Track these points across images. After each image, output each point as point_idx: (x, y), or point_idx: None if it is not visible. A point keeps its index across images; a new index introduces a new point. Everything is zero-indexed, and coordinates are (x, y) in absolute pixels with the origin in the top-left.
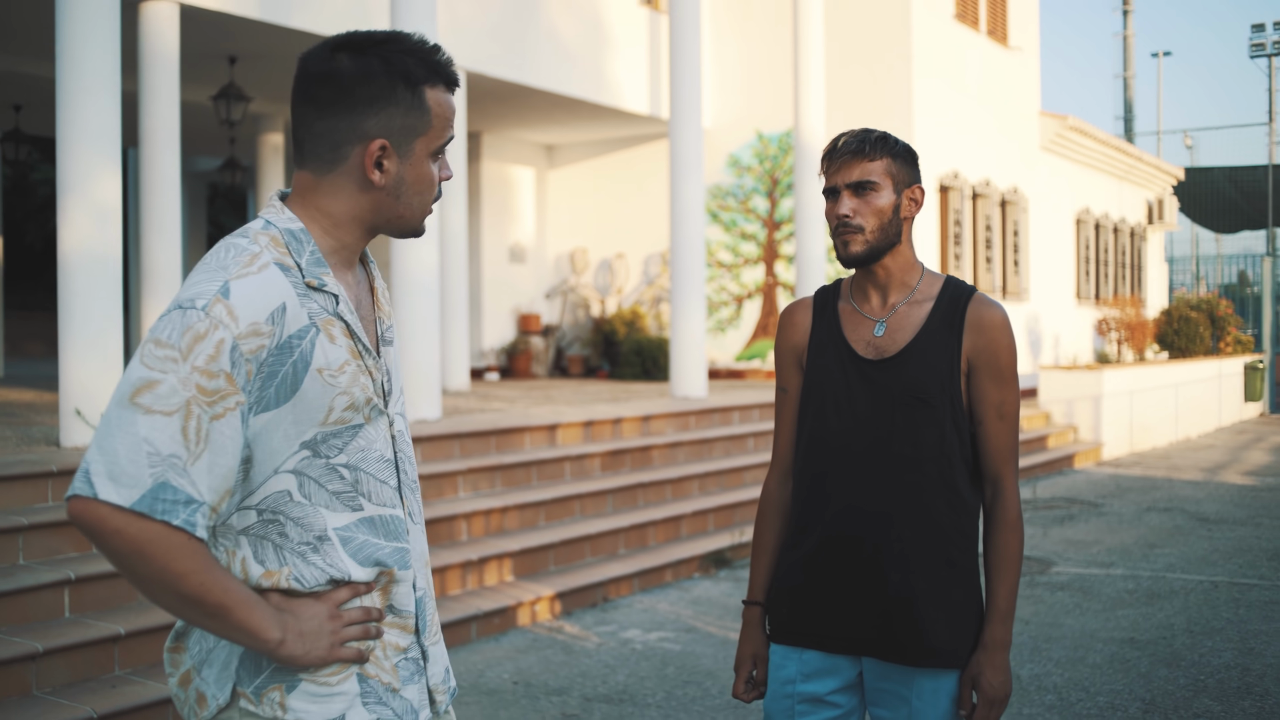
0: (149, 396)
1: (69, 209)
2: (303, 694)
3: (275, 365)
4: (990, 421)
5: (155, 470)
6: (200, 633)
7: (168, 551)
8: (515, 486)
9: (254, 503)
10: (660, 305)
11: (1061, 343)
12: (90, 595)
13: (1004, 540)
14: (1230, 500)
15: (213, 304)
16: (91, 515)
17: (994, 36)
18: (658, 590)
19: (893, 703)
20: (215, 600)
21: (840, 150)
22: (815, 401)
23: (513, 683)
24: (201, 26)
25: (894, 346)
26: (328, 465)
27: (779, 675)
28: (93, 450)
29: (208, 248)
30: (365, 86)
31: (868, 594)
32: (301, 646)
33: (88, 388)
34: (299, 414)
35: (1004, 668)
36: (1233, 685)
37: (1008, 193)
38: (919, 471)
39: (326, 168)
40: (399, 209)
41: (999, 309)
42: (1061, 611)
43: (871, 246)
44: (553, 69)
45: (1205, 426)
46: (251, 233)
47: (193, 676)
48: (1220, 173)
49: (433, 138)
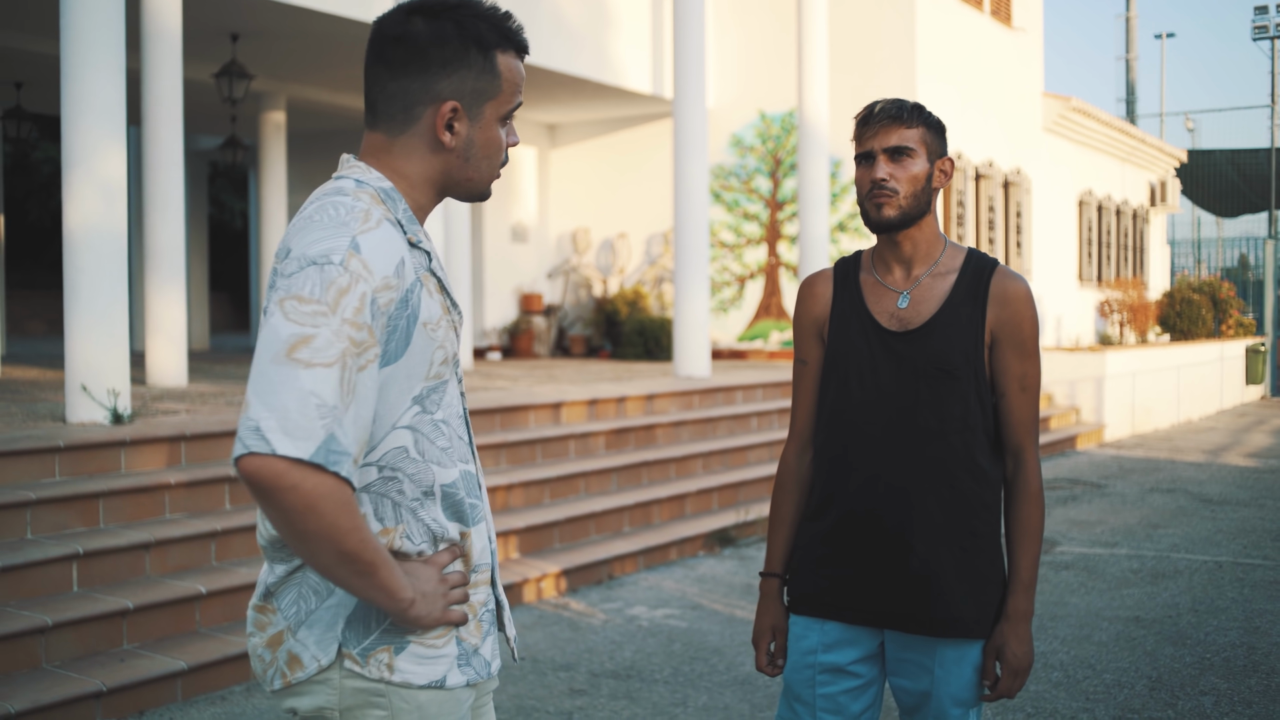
0: (306, 351)
1: (74, 185)
2: (410, 655)
3: (396, 319)
4: (1013, 394)
5: (325, 422)
6: (297, 593)
7: (337, 506)
8: (520, 464)
9: (375, 459)
10: (662, 285)
11: (1064, 324)
12: (98, 570)
13: (1026, 512)
14: (1233, 482)
15: (348, 258)
16: (269, 471)
17: (997, 17)
18: (663, 568)
19: (915, 673)
20: (369, 558)
21: (878, 115)
22: (838, 374)
23: (519, 658)
24: (204, 3)
25: (918, 318)
26: (433, 421)
27: (800, 646)
28: (257, 408)
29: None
30: (439, 49)
31: (891, 566)
32: (424, 608)
33: (93, 364)
34: (411, 368)
35: (1027, 638)
36: (1239, 664)
37: (1011, 174)
38: (943, 443)
39: (399, 128)
40: (468, 171)
41: (1023, 282)
42: (1067, 590)
43: (905, 212)
44: (556, 48)
45: (1207, 409)
46: (350, 190)
47: (285, 638)
48: (1222, 155)
49: (502, 102)
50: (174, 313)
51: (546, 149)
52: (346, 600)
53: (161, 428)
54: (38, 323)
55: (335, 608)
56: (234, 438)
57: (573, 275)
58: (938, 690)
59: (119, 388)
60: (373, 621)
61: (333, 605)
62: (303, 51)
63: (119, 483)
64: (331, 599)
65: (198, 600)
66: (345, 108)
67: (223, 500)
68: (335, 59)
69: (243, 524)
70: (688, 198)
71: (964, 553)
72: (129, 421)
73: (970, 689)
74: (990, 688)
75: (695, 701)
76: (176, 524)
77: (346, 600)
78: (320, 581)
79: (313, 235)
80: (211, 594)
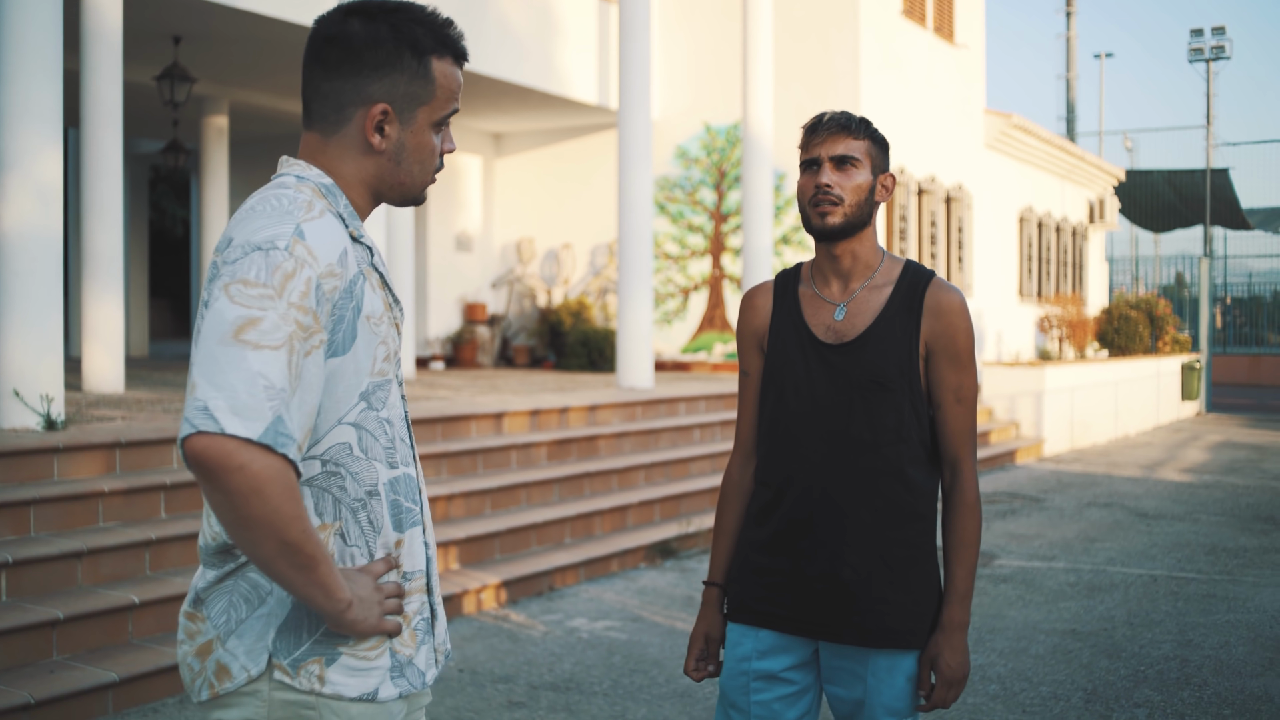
0: (254, 333)
1: (9, 188)
2: (342, 668)
3: (342, 309)
4: (948, 405)
5: (273, 404)
6: (227, 601)
7: (283, 491)
8: (461, 474)
9: (318, 453)
10: (607, 296)
11: (1004, 339)
12: (28, 579)
13: (963, 523)
14: (1168, 496)
15: (293, 244)
16: (217, 450)
17: (940, 33)
18: (604, 580)
19: (848, 681)
20: (310, 551)
21: (826, 124)
22: (775, 385)
23: (458, 670)
24: (145, 4)
25: (853, 331)
26: (378, 419)
27: (735, 653)
28: (205, 389)
29: (150, 231)
30: (372, 51)
31: (824, 576)
32: (362, 612)
33: (26, 369)
34: (358, 362)
35: (962, 648)
36: (1172, 676)
37: (953, 189)
38: (877, 455)
39: (331, 129)
40: (399, 175)
41: (957, 293)
42: (1005, 603)
43: (848, 220)
44: (502, 56)
45: (1144, 424)
46: (291, 184)
47: (214, 647)
48: (1159, 175)
49: (436, 108)
50: (111, 318)
51: (492, 158)
52: (278, 609)
53: (96, 434)
54: None
55: (266, 617)
56: (172, 445)
57: (517, 285)
58: (870, 699)
59: (53, 393)
60: (304, 632)
61: (264, 615)
62: (246, 55)
63: (51, 490)
64: (262, 608)
65: (130, 610)
66: (289, 113)
67: (158, 509)
68: (279, 63)
69: (178, 533)
70: (632, 209)
71: (897, 563)
72: (63, 428)
73: (903, 698)
74: (926, 697)
75: (634, 714)
76: (110, 533)
77: (278, 609)
78: (251, 590)
79: (256, 224)
80: (145, 604)
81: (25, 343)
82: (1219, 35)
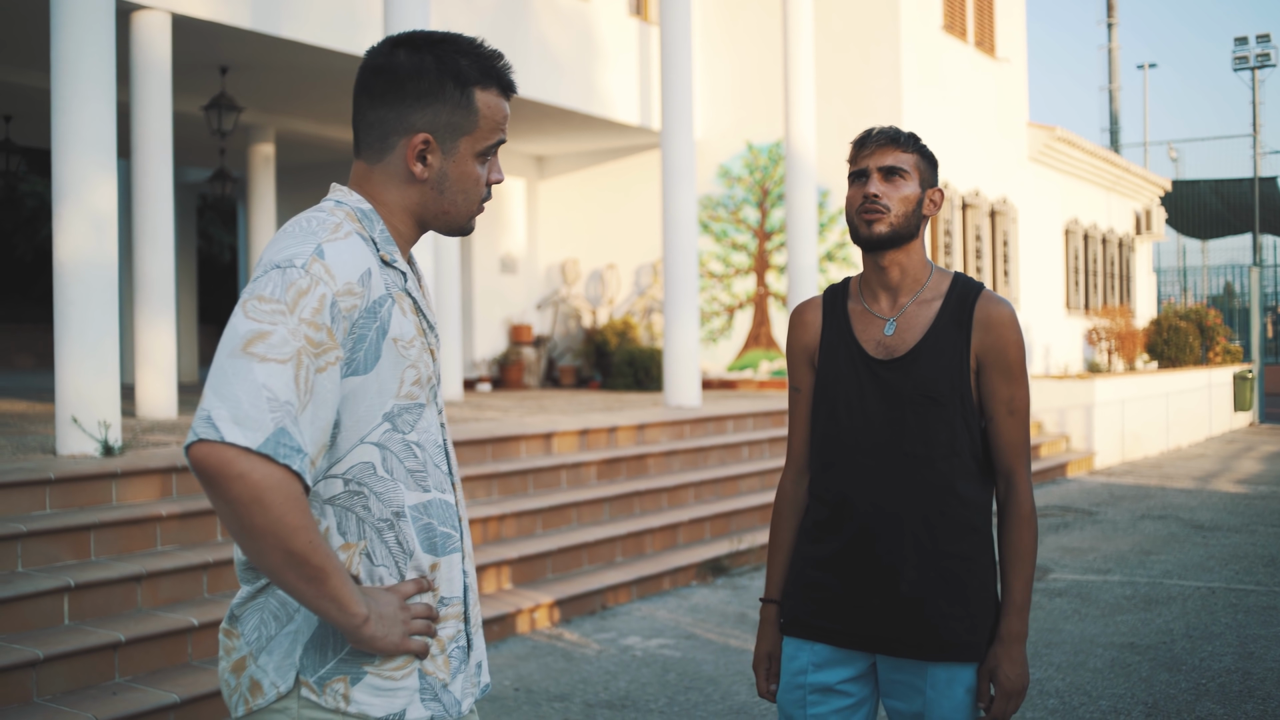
0: (262, 346)
1: (65, 217)
2: (367, 687)
3: (363, 329)
4: (1001, 418)
5: (275, 415)
6: (259, 619)
7: (285, 501)
8: (512, 495)
9: (340, 471)
10: (652, 315)
11: (1052, 353)
12: (89, 602)
13: (1018, 535)
14: (1223, 508)
15: (310, 262)
16: (217, 458)
17: (981, 48)
18: (656, 598)
19: (907, 694)
20: (318, 563)
21: (875, 137)
22: (827, 402)
23: (514, 689)
24: (193, 36)
25: (904, 346)
26: (404, 441)
27: (791, 666)
28: (210, 399)
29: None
30: (415, 81)
31: (882, 591)
32: (381, 629)
33: (84, 396)
34: (381, 383)
35: (1021, 660)
36: (1234, 689)
37: (997, 203)
38: (931, 469)
39: (376, 157)
40: (443, 204)
41: (1007, 306)
42: (1060, 617)
43: (895, 230)
44: (543, 79)
45: (1196, 436)
46: (326, 208)
47: (248, 663)
48: (1205, 185)
49: (479, 138)
50: (164, 344)
51: (535, 180)
52: (305, 627)
53: (152, 459)
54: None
55: (294, 634)
56: None
57: (562, 306)
58: (930, 712)
59: (110, 419)
60: (329, 650)
61: (291, 631)
62: (292, 84)
63: (110, 515)
64: (290, 625)
65: (190, 632)
66: (334, 140)
67: (214, 532)
68: (324, 91)
69: (234, 556)
70: (676, 228)
71: (954, 576)
72: (120, 453)
73: (962, 711)
74: (985, 710)
75: None
76: (168, 556)
77: (305, 627)
78: (280, 606)
79: (282, 244)
80: (203, 626)
81: (82, 370)
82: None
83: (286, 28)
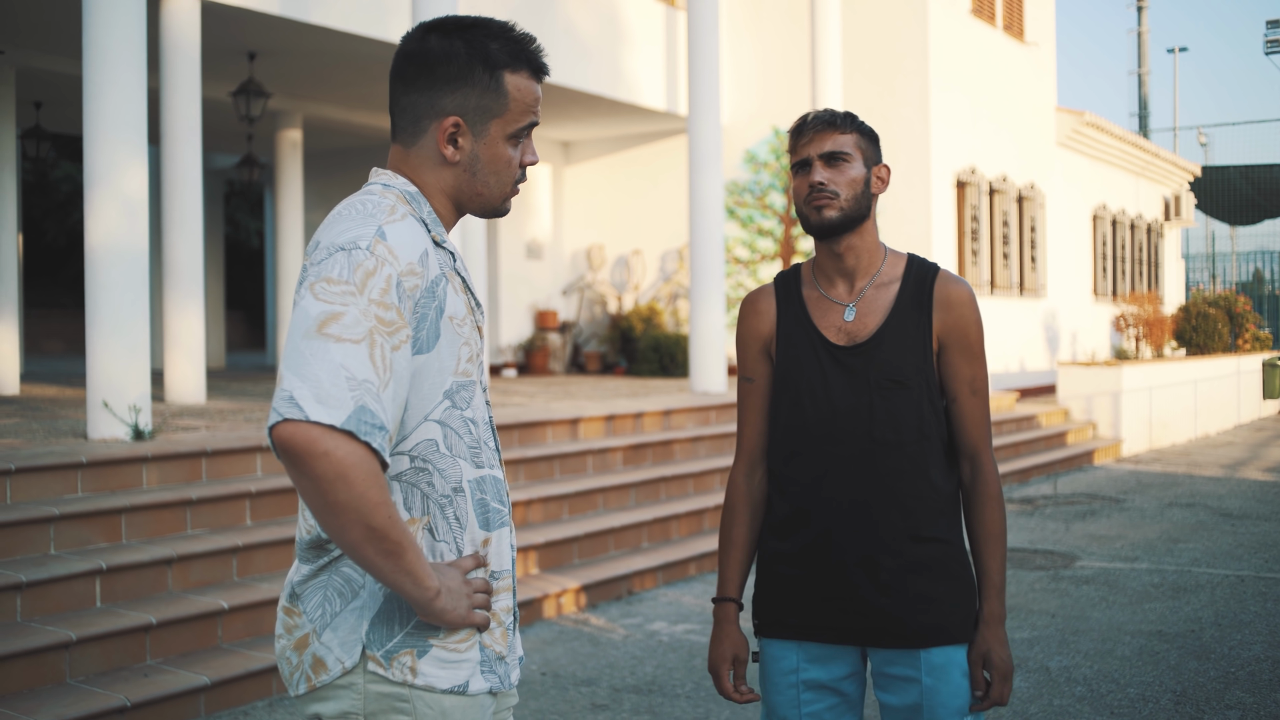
0: (336, 326)
1: (96, 202)
2: (433, 659)
3: (424, 308)
4: (964, 398)
5: (355, 394)
6: (322, 595)
7: (368, 477)
8: (538, 480)
9: (406, 448)
10: (677, 301)
11: (1079, 339)
12: (121, 585)
13: (990, 515)
14: (1252, 496)
15: (374, 244)
16: (303, 437)
17: (1010, 32)
18: (682, 583)
19: (901, 687)
20: (396, 537)
21: (812, 123)
22: (790, 392)
23: (541, 674)
24: (221, 22)
25: (865, 331)
26: (462, 417)
27: (780, 667)
28: (291, 380)
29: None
30: (446, 66)
31: (862, 582)
32: (450, 602)
33: (114, 380)
34: (442, 361)
35: (1006, 641)
36: (1264, 677)
37: (1024, 189)
38: (902, 455)
39: (410, 140)
40: (476, 186)
41: (965, 285)
42: (1088, 605)
43: (845, 214)
44: (570, 65)
45: (1224, 423)
46: (376, 190)
47: (310, 640)
48: (1235, 170)
49: (509, 120)
50: (193, 330)
51: (560, 166)
52: (370, 603)
53: (182, 444)
54: (56, 342)
55: (360, 610)
56: (256, 453)
57: (587, 292)
58: (929, 700)
59: (140, 404)
60: (396, 624)
61: (357, 608)
62: (319, 70)
63: (141, 498)
64: (355, 601)
65: (220, 615)
66: (362, 126)
67: (244, 516)
68: (351, 77)
69: (264, 539)
70: (703, 214)
71: (933, 561)
72: (150, 438)
73: (961, 694)
74: (982, 695)
75: (718, 716)
76: (198, 539)
77: (370, 603)
78: (345, 584)
79: (341, 226)
80: (234, 609)
81: (113, 355)
82: None
83: (314, 13)
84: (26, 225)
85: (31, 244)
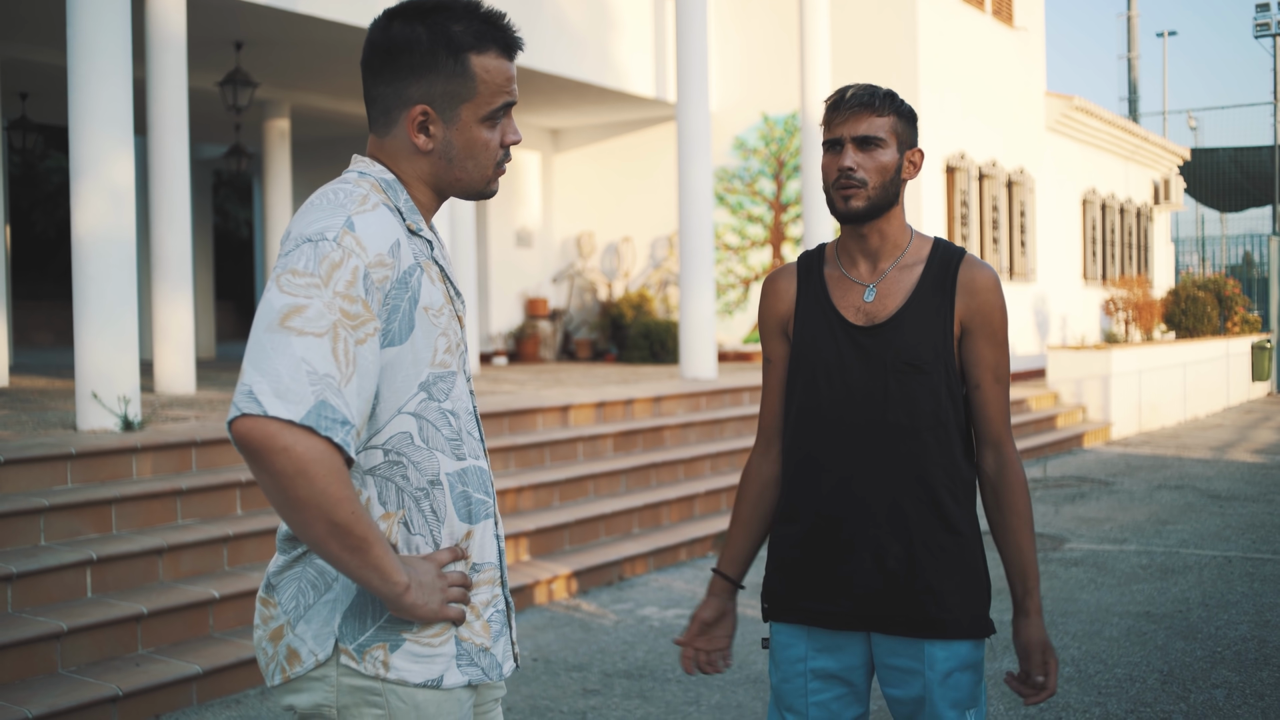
0: (299, 320)
1: (83, 193)
2: (406, 654)
3: (396, 299)
4: (988, 385)
5: (315, 388)
6: (297, 587)
7: (329, 473)
8: (529, 467)
9: (380, 442)
10: (667, 288)
11: (1069, 323)
12: (111, 575)
13: (1020, 503)
14: (1240, 478)
15: (342, 235)
16: (260, 432)
17: (999, 17)
18: (672, 569)
19: (905, 679)
20: (361, 532)
21: (849, 101)
22: (805, 372)
23: (532, 659)
24: (207, 12)
25: (885, 312)
26: (440, 410)
27: (788, 654)
28: (250, 374)
29: (214, 235)
30: (409, 55)
31: (871, 568)
32: (421, 596)
33: (103, 371)
34: (416, 353)
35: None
36: (1250, 657)
37: (1014, 173)
38: (915, 440)
39: (384, 130)
40: (454, 172)
41: (990, 270)
42: (1076, 586)
43: (872, 203)
44: (558, 52)
45: (1213, 406)
46: (351, 179)
47: (285, 632)
48: (1225, 154)
49: (480, 104)
50: (181, 320)
51: (550, 153)
52: (343, 595)
53: (172, 434)
54: (45, 333)
55: (332, 603)
56: None
57: (577, 279)
58: (931, 694)
59: (129, 394)
60: (369, 618)
61: (330, 600)
62: (306, 59)
63: (131, 489)
64: (329, 594)
65: (211, 605)
66: (349, 114)
67: (234, 506)
68: (338, 66)
69: (254, 529)
70: (692, 201)
71: (944, 551)
72: (139, 428)
73: (965, 689)
74: (1040, 687)
75: (708, 700)
76: (189, 529)
77: (343, 595)
78: (318, 575)
79: (311, 217)
80: (224, 598)
81: (102, 345)
82: None
83: (301, 2)
84: (15, 217)
85: (20, 236)
